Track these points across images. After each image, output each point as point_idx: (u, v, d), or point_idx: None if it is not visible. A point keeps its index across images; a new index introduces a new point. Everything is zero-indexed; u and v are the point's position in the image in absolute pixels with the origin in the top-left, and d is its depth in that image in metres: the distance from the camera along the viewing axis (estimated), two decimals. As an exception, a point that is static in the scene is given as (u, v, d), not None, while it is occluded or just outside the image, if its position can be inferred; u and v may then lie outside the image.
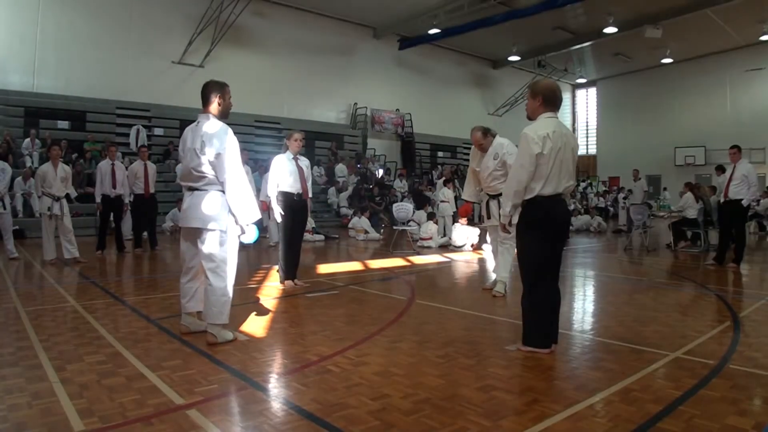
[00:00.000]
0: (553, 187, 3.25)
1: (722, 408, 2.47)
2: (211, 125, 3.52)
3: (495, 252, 5.69)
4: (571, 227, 9.87)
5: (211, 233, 3.49)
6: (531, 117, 3.41)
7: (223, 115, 3.62)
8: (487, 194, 5.47)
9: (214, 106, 3.59)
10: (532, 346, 3.32)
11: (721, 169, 9.22)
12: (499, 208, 5.37)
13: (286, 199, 5.60)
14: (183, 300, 3.75)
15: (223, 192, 3.49)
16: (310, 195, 5.86)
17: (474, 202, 6.06)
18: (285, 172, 5.59)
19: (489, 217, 5.49)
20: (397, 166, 21.24)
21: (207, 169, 3.47)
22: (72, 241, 7.67)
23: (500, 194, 5.32)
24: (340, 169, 18.33)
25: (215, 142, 3.44)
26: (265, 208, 5.98)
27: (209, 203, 3.49)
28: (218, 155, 3.43)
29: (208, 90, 3.60)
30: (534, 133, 3.23)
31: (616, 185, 24.73)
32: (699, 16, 18.25)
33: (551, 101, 3.35)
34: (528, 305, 3.36)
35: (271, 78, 18.15)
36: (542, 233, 3.29)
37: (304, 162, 5.81)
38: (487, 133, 5.32)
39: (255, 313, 4.48)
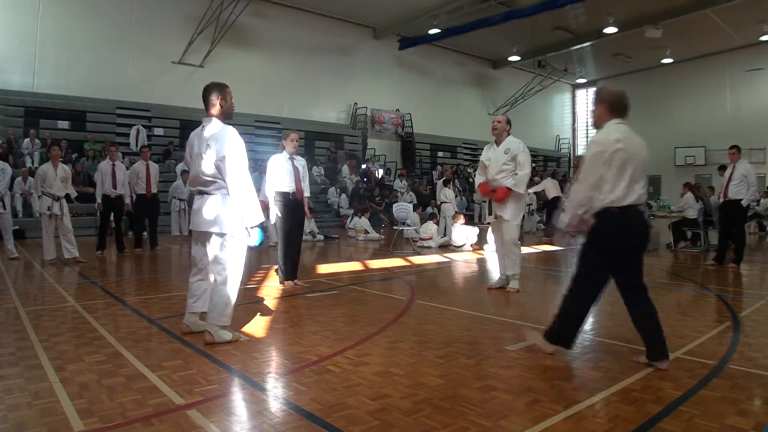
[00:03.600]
0: (625, 195, 3.03)
1: (722, 408, 2.47)
2: (214, 127, 3.53)
3: (498, 251, 5.69)
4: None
5: (216, 236, 3.52)
6: (597, 124, 3.27)
7: (226, 116, 3.62)
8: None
9: (216, 108, 3.58)
10: (554, 343, 3.21)
11: (723, 168, 9.20)
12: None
13: (283, 198, 5.62)
14: (190, 300, 3.76)
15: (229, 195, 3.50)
16: (307, 195, 5.87)
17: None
18: (282, 172, 5.62)
19: (491, 213, 5.52)
20: (397, 166, 21.23)
21: (214, 173, 3.48)
22: (72, 241, 7.67)
23: None
24: (345, 170, 18.36)
25: (218, 145, 3.44)
26: (265, 207, 5.98)
27: (214, 207, 3.51)
28: (222, 158, 3.43)
29: (208, 92, 3.60)
30: (604, 138, 3.08)
31: (616, 185, 24.67)
32: (699, 16, 18.24)
33: (617, 108, 3.23)
34: (569, 302, 3.21)
35: (271, 78, 18.15)
36: (613, 249, 3.08)
37: (300, 162, 5.83)
38: (509, 123, 5.47)
39: (255, 313, 4.48)
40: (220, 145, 3.44)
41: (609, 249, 3.10)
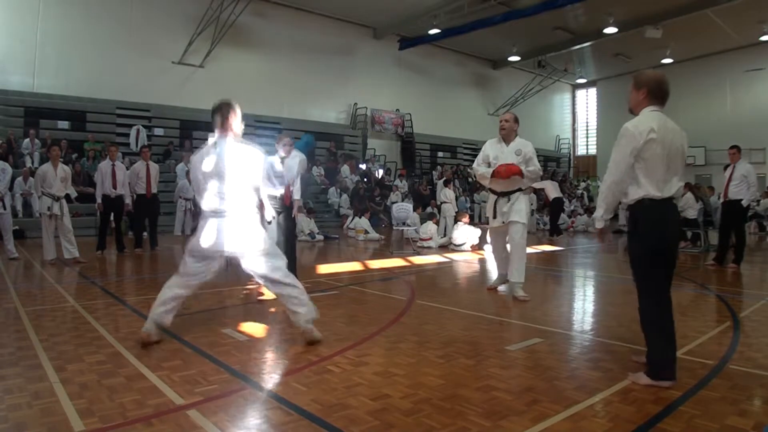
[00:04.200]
0: (660, 188, 2.86)
1: (722, 408, 2.47)
2: (237, 147, 3.49)
3: (497, 253, 5.62)
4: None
5: (260, 257, 3.49)
6: (633, 111, 3.07)
7: (238, 135, 3.55)
8: (494, 192, 5.29)
9: (231, 127, 3.49)
10: (659, 378, 2.78)
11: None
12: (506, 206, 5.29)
13: (273, 200, 5.62)
14: (161, 308, 3.50)
15: (252, 213, 3.55)
16: (297, 197, 5.83)
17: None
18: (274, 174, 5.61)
19: (495, 217, 5.29)
20: (397, 166, 21.24)
21: (241, 192, 3.46)
22: (72, 241, 7.67)
23: (512, 192, 5.16)
24: (345, 170, 18.38)
25: (251, 165, 3.47)
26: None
27: (251, 228, 3.50)
28: (256, 178, 3.50)
29: (220, 111, 3.48)
30: (635, 128, 2.87)
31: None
32: (699, 16, 18.24)
33: (657, 94, 3.01)
34: (648, 327, 2.99)
35: (271, 78, 18.13)
36: (648, 244, 2.89)
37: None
38: (517, 122, 5.26)
39: (255, 313, 4.48)
40: (252, 165, 3.47)
41: (653, 247, 2.88)
